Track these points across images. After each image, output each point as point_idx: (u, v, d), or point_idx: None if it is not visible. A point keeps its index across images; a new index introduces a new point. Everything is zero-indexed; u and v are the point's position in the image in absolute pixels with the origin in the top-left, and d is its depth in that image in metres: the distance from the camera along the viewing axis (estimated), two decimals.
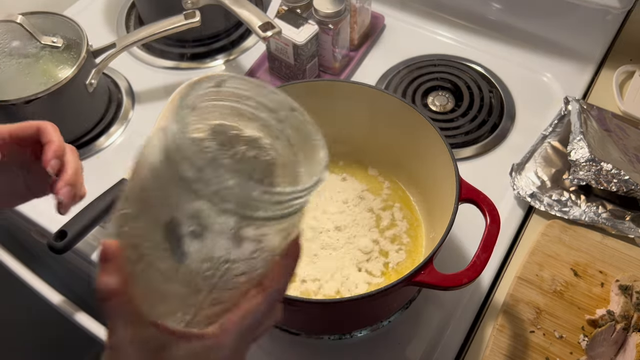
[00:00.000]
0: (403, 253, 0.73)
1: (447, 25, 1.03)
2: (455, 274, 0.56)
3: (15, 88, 0.80)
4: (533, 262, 0.73)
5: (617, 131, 0.84)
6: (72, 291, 0.96)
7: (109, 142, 0.90)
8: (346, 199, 0.77)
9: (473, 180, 0.64)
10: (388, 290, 0.56)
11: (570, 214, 0.77)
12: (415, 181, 0.76)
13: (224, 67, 1.00)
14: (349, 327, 0.69)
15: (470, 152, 0.86)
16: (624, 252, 0.74)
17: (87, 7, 1.09)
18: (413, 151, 0.73)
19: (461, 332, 0.70)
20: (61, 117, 0.85)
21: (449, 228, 0.59)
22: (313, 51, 0.89)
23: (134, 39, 0.87)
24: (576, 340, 0.67)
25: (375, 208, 0.77)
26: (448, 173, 0.64)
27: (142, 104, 0.95)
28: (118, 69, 0.99)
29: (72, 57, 0.83)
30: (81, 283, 0.97)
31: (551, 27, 0.99)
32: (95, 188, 0.77)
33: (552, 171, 0.81)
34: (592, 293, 0.71)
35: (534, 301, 0.70)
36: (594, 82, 0.94)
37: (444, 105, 0.92)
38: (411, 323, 0.71)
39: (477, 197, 0.61)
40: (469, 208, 0.62)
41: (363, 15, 0.96)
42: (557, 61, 0.97)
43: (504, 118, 0.90)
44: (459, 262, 0.74)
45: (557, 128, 0.85)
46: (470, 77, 0.94)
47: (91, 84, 0.86)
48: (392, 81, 0.95)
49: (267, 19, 0.82)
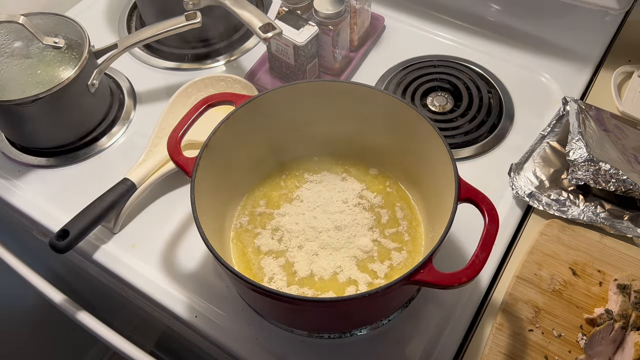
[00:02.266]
0: (403, 252, 0.73)
1: (447, 26, 1.04)
2: (454, 273, 0.57)
3: (18, 88, 0.80)
4: (532, 262, 0.74)
5: (615, 131, 0.84)
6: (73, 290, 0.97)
7: (111, 142, 0.90)
8: (346, 198, 0.78)
9: (472, 180, 0.64)
10: (388, 289, 0.56)
11: (569, 214, 0.77)
12: (415, 181, 0.77)
13: (225, 68, 1.01)
14: (349, 326, 0.69)
15: (469, 152, 0.87)
16: (622, 252, 0.74)
17: (88, 9, 1.10)
18: (413, 151, 0.73)
19: (460, 331, 0.70)
20: (63, 117, 0.86)
21: (448, 227, 0.59)
22: (313, 52, 0.89)
23: (136, 39, 0.88)
24: (575, 339, 0.68)
25: (375, 207, 0.77)
26: (447, 173, 0.64)
27: (143, 105, 0.96)
28: (120, 70, 0.99)
29: (74, 57, 0.83)
30: (82, 282, 0.98)
31: (550, 27, 0.99)
32: (97, 187, 0.78)
33: (551, 171, 0.81)
34: (590, 292, 0.71)
35: (533, 300, 0.71)
36: (593, 83, 0.95)
37: (443, 106, 0.93)
38: (411, 322, 0.71)
39: (476, 197, 0.62)
40: (468, 207, 0.62)
41: (363, 16, 0.96)
42: (556, 62, 0.97)
43: (502, 118, 0.90)
44: (458, 261, 0.75)
45: (555, 128, 0.86)
46: (469, 78, 0.95)
47: (93, 85, 0.86)
48: (392, 81, 0.96)
49: (268, 20, 0.83)
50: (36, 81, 0.81)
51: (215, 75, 0.93)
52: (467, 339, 0.70)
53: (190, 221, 0.80)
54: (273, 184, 0.80)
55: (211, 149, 0.67)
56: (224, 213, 0.75)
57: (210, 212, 0.69)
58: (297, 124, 0.77)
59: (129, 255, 0.78)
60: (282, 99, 0.73)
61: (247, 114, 0.71)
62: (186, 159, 0.66)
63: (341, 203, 0.77)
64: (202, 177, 0.65)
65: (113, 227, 0.79)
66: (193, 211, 0.62)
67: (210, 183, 0.68)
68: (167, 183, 0.84)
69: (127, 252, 0.79)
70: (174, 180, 0.84)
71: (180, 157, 0.67)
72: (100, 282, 0.85)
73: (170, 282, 0.76)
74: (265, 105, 0.72)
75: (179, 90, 0.90)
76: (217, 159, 0.69)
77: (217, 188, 0.72)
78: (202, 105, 0.71)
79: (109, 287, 0.83)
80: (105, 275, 0.80)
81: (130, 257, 0.78)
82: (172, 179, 0.83)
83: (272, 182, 0.80)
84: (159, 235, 0.80)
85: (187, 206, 0.62)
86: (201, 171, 0.65)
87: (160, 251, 0.78)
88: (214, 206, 0.71)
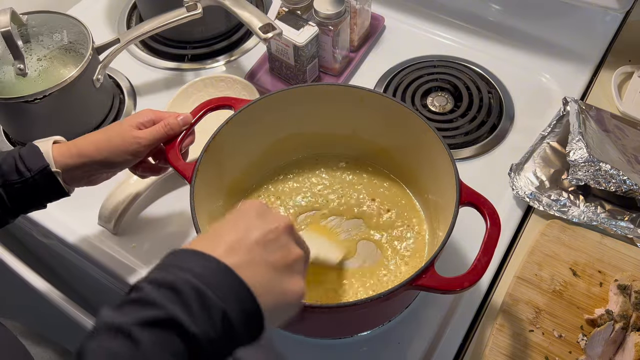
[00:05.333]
0: (405, 255, 0.73)
1: (447, 26, 1.04)
2: (456, 277, 0.56)
3: (25, 86, 0.80)
4: (532, 262, 0.74)
5: (615, 132, 0.84)
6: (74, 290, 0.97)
7: None
8: (347, 200, 0.77)
9: (472, 181, 0.64)
10: (389, 294, 0.56)
11: (569, 214, 0.77)
12: (417, 184, 0.76)
13: (225, 68, 1.01)
14: (350, 331, 0.69)
15: (469, 153, 0.87)
16: (623, 252, 0.74)
17: (88, 8, 1.10)
18: (415, 155, 0.73)
19: (461, 332, 0.70)
20: (71, 113, 0.86)
21: (449, 232, 0.59)
22: (313, 52, 0.89)
23: (138, 33, 0.87)
24: (575, 340, 0.68)
25: (377, 210, 0.77)
26: (449, 176, 0.64)
27: (143, 105, 0.95)
28: (120, 70, 0.99)
29: (78, 54, 0.84)
30: (83, 282, 0.98)
31: (550, 28, 0.99)
32: (97, 187, 0.78)
33: (551, 171, 0.81)
34: (591, 293, 0.71)
35: (533, 301, 0.71)
36: (593, 83, 0.95)
37: (443, 106, 0.93)
38: (411, 322, 0.71)
39: (477, 201, 0.61)
40: (470, 210, 0.62)
41: (363, 17, 0.96)
42: (556, 62, 0.97)
43: (503, 118, 0.90)
44: (460, 265, 0.75)
45: (555, 128, 0.86)
46: (470, 78, 0.95)
47: (98, 80, 0.87)
48: (392, 82, 0.96)
49: (268, 20, 0.83)
50: (43, 78, 0.81)
51: (215, 76, 0.92)
52: (467, 339, 0.70)
53: (190, 221, 0.80)
54: (273, 187, 0.80)
55: (210, 153, 0.67)
56: (224, 215, 0.74)
57: (210, 216, 0.69)
58: (296, 126, 0.77)
59: (129, 256, 0.78)
60: (281, 102, 0.72)
61: (247, 118, 0.71)
62: (185, 165, 0.66)
63: (342, 205, 0.77)
64: (202, 182, 0.65)
65: (113, 228, 0.79)
66: (193, 217, 0.61)
67: (209, 187, 0.68)
68: (167, 183, 0.84)
69: (127, 252, 0.79)
70: (174, 180, 0.84)
71: (180, 162, 0.66)
72: (100, 282, 0.84)
73: None
74: (264, 109, 0.72)
75: (179, 91, 0.90)
76: (216, 164, 0.69)
77: (216, 192, 0.72)
78: (201, 110, 0.70)
79: (109, 287, 0.83)
80: (105, 275, 0.79)
81: (130, 257, 0.78)
82: (172, 179, 0.83)
83: (272, 185, 0.80)
84: (159, 236, 0.80)
85: (187, 206, 0.62)
86: (200, 176, 0.65)
87: (160, 251, 0.77)
88: (213, 210, 0.71)
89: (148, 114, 0.66)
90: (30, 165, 0.61)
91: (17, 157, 0.61)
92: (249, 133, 0.73)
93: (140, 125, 0.65)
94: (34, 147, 0.63)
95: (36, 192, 0.62)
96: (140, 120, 0.66)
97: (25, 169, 0.61)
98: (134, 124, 0.65)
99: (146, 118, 0.66)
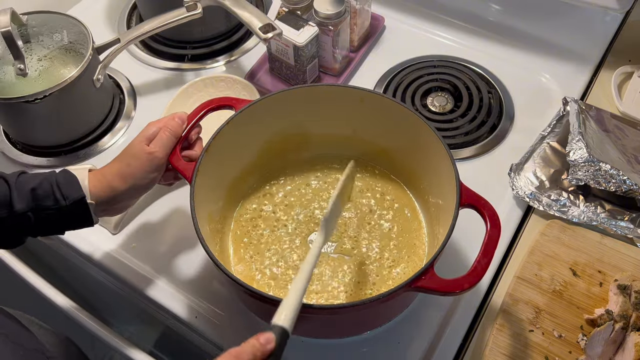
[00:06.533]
0: (404, 256, 0.73)
1: (447, 26, 1.04)
2: (456, 279, 0.56)
3: (25, 86, 0.80)
4: (532, 262, 0.74)
5: (615, 132, 0.84)
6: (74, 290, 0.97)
7: (111, 143, 0.90)
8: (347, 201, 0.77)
9: (472, 181, 0.64)
10: (389, 296, 0.56)
11: (569, 214, 0.77)
12: (417, 184, 0.76)
13: (225, 68, 1.01)
14: (349, 332, 0.69)
15: (469, 153, 0.87)
16: (623, 252, 0.74)
17: (88, 8, 1.10)
18: (415, 155, 0.73)
19: (461, 332, 0.70)
20: (71, 113, 0.86)
21: (449, 234, 0.59)
22: (313, 52, 0.89)
23: (138, 32, 0.88)
24: (575, 340, 0.68)
25: (377, 210, 0.77)
26: (449, 178, 0.64)
27: (144, 105, 0.96)
28: (120, 70, 0.99)
29: (78, 54, 0.84)
30: (83, 282, 0.98)
31: (550, 28, 0.99)
32: None
33: (551, 171, 0.81)
34: (590, 293, 0.71)
35: (533, 301, 0.71)
36: (593, 83, 0.95)
37: (443, 106, 0.93)
38: (411, 322, 0.71)
39: (477, 203, 0.61)
40: (469, 211, 0.62)
41: (363, 17, 0.96)
42: (556, 62, 0.97)
43: (502, 118, 0.90)
44: (459, 266, 0.75)
45: (555, 128, 0.86)
46: (470, 78, 0.95)
47: (98, 80, 0.87)
48: (392, 82, 0.96)
49: (268, 21, 0.83)
50: (44, 78, 0.81)
51: (215, 76, 0.92)
52: (467, 339, 0.70)
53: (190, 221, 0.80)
54: (273, 187, 0.80)
55: (211, 154, 0.67)
56: (224, 216, 0.75)
57: (210, 216, 0.69)
58: (297, 127, 0.77)
59: (129, 256, 0.78)
60: (281, 103, 0.72)
61: (247, 119, 0.71)
62: (186, 165, 0.66)
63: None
64: (202, 182, 0.65)
65: (113, 228, 0.79)
66: (193, 217, 0.62)
67: (210, 187, 0.68)
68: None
69: (127, 252, 0.79)
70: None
71: (180, 162, 0.66)
72: (100, 282, 0.85)
73: (170, 282, 0.76)
74: (265, 110, 0.72)
75: (179, 91, 0.90)
76: (216, 164, 0.69)
77: (217, 192, 0.72)
78: (201, 110, 0.70)
79: (109, 287, 0.83)
80: (105, 275, 0.80)
81: (130, 257, 0.78)
82: None
83: (273, 185, 0.80)
84: (159, 236, 0.80)
85: (187, 206, 0.62)
86: (201, 176, 0.65)
87: (160, 251, 0.78)
88: (214, 210, 0.71)
89: (151, 127, 0.67)
90: (67, 193, 0.61)
91: (54, 183, 0.61)
92: (249, 133, 0.73)
93: (147, 141, 0.66)
94: (72, 176, 0.62)
95: (65, 219, 0.62)
96: (147, 135, 0.66)
97: (62, 197, 0.61)
98: (143, 141, 0.65)
99: (151, 131, 0.66)
